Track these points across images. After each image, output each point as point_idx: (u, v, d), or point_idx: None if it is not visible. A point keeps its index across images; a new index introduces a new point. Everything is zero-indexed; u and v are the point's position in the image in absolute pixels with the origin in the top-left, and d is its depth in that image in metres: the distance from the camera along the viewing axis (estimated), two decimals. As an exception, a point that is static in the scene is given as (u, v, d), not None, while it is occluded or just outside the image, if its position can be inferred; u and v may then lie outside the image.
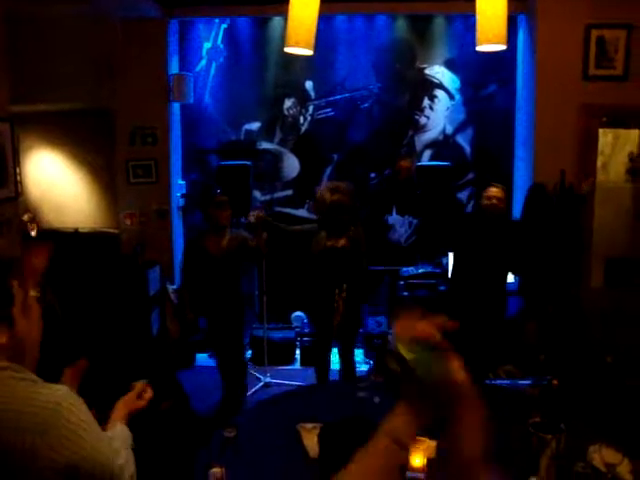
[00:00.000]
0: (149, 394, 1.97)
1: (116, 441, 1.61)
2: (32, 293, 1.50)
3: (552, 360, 4.79)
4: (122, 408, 1.86)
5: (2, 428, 1.30)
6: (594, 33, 5.11)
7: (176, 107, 6.19)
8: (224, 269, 4.47)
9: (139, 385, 1.97)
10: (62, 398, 1.37)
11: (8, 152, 3.23)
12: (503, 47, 3.98)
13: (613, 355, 4.64)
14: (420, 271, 5.79)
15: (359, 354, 5.79)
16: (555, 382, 2.52)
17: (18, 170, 6.34)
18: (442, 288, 5.52)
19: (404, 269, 5.85)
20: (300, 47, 4.18)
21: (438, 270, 5.75)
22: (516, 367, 5.19)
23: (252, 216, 4.49)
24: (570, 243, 5.03)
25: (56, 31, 5.60)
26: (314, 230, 4.48)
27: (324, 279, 4.35)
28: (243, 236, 4.54)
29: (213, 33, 6.19)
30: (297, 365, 5.83)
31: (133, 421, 1.85)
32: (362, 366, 5.52)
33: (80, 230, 6.32)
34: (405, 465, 1.07)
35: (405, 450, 1.02)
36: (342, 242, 4.32)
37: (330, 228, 4.35)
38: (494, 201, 4.33)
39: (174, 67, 6.07)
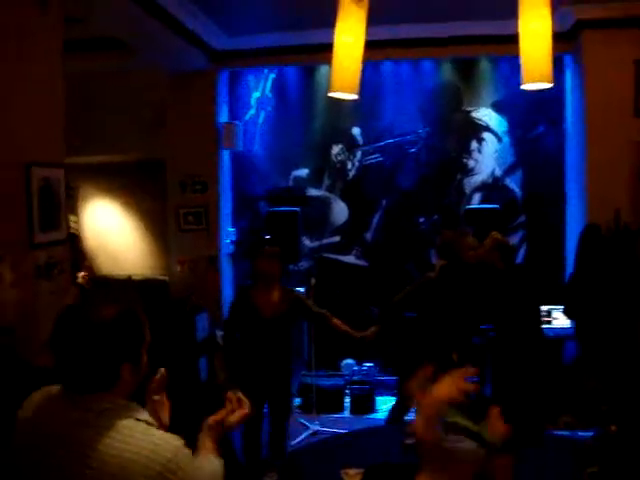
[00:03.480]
0: (245, 408, 1.67)
1: None
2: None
3: (614, 410, 4.55)
4: (211, 435, 1.62)
5: (116, 473, 1.31)
6: (644, 68, 5.03)
7: (226, 155, 6.32)
8: (274, 330, 4.04)
9: (232, 397, 1.69)
10: (175, 452, 1.37)
11: (61, 197, 3.34)
12: (550, 85, 3.95)
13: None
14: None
15: (410, 402, 5.63)
16: (613, 428, 2.37)
17: (75, 218, 6.61)
18: (492, 335, 5.37)
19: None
20: (344, 92, 4.25)
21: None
22: (575, 417, 4.96)
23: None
24: (627, 285, 4.83)
25: (110, 86, 5.85)
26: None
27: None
28: (296, 295, 4.25)
29: (262, 82, 6.36)
30: (346, 413, 5.70)
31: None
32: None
33: (132, 277, 6.46)
34: None
35: None
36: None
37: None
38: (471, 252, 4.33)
39: (224, 116, 6.23)
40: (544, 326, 5.47)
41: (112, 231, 6.80)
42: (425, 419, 0.91)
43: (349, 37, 4.08)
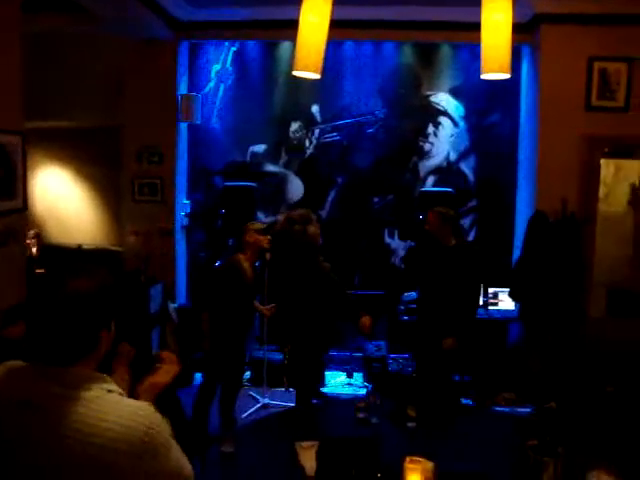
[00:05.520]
0: (174, 366, 1.68)
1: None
2: None
3: (553, 387, 4.79)
4: (147, 397, 1.58)
5: (96, 444, 1.32)
6: (596, 65, 5.20)
7: (183, 127, 6.26)
8: (253, 295, 4.56)
9: (164, 356, 1.68)
10: (152, 418, 1.38)
11: (18, 165, 3.28)
12: (507, 76, 4.06)
13: (614, 385, 4.62)
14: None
15: (358, 377, 5.79)
16: (553, 405, 2.52)
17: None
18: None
19: (405, 294, 5.84)
20: (308, 71, 4.26)
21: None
22: (516, 394, 5.19)
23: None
24: (570, 271, 5.05)
25: (68, 49, 5.71)
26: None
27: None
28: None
29: (222, 55, 6.30)
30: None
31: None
32: (362, 390, 5.52)
33: (83, 246, 6.36)
34: None
35: None
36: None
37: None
38: (425, 226, 4.40)
39: (183, 88, 6.15)
40: (491, 308, 5.68)
41: (63, 199, 6.66)
42: None
43: (315, 17, 4.09)
